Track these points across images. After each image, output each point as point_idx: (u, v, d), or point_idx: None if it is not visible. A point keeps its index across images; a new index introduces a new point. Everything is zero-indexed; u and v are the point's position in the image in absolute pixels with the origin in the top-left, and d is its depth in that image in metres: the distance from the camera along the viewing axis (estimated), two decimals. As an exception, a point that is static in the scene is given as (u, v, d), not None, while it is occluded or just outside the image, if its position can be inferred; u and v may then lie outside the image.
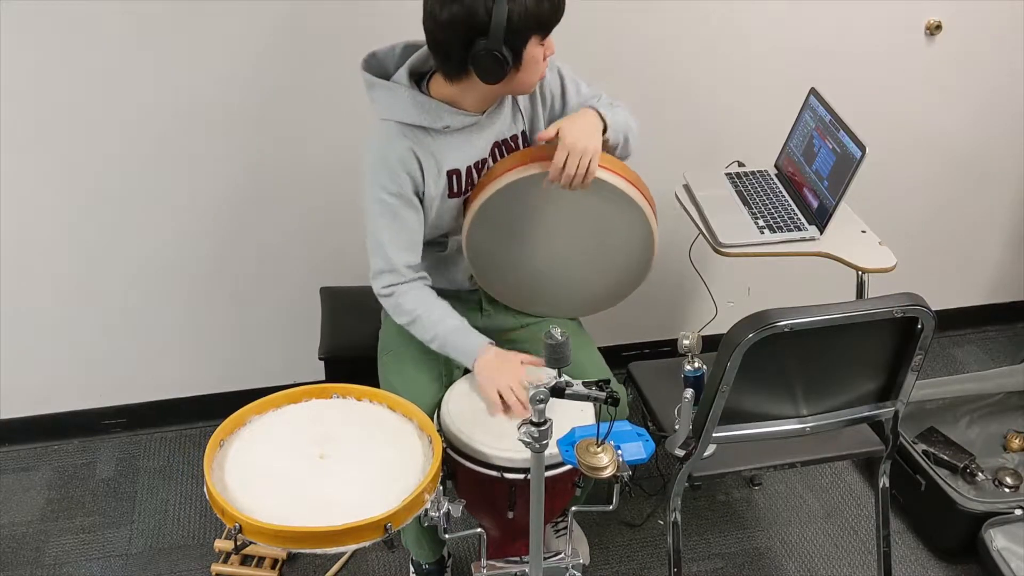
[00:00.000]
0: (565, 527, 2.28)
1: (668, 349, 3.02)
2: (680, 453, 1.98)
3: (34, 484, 2.67)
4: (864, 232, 2.30)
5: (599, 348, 2.15)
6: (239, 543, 1.56)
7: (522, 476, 1.85)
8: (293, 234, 2.63)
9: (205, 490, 1.60)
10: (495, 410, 1.91)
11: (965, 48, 2.77)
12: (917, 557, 2.48)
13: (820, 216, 2.26)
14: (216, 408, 2.28)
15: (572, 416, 1.83)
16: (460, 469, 1.91)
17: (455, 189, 1.95)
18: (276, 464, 1.66)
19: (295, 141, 2.50)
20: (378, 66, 1.93)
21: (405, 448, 1.71)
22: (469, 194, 1.98)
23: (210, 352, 2.77)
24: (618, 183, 1.90)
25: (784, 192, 2.40)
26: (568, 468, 1.86)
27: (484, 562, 2.08)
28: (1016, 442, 2.67)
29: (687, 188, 2.44)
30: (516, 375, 1.91)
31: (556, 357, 1.57)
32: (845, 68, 2.70)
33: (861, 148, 2.13)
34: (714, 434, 1.90)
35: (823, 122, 2.30)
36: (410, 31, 1.87)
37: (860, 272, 2.26)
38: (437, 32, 1.76)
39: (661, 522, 2.55)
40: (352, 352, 2.27)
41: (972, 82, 2.84)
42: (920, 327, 1.83)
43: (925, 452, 2.58)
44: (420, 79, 1.92)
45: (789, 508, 2.62)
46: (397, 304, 1.96)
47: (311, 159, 2.53)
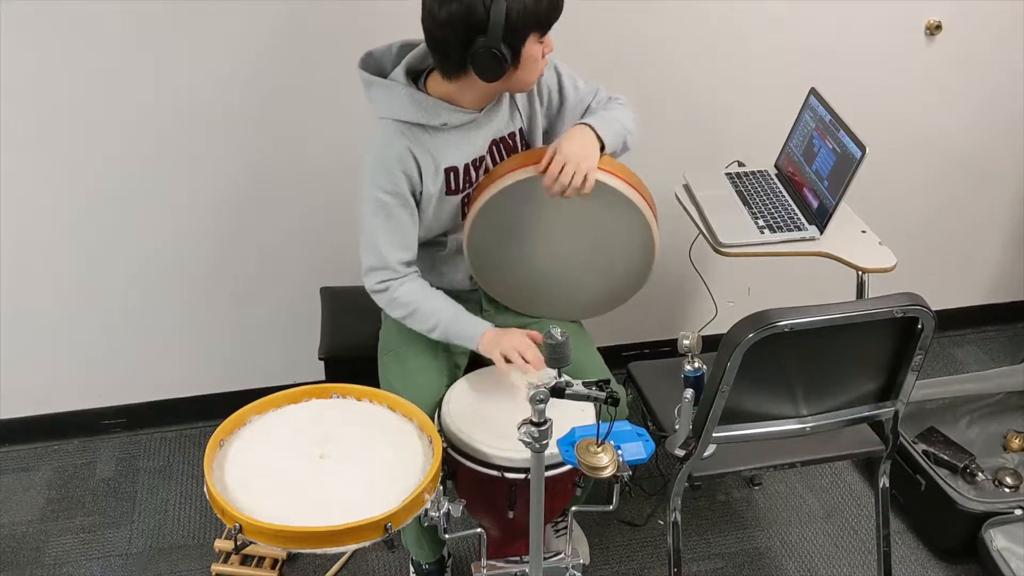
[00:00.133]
0: (565, 527, 2.28)
1: (668, 349, 3.02)
2: (680, 453, 1.98)
3: (34, 484, 2.67)
4: (864, 232, 2.30)
5: (599, 348, 2.15)
6: (239, 543, 1.56)
7: (522, 476, 1.85)
8: (293, 234, 2.63)
9: (205, 490, 1.60)
10: (504, 373, 1.92)
11: (965, 48, 2.77)
12: (917, 557, 2.47)
13: (820, 216, 2.26)
14: (216, 408, 2.28)
15: (572, 416, 1.84)
16: (460, 469, 1.91)
17: (453, 187, 1.96)
18: (276, 464, 1.66)
19: (295, 141, 2.50)
20: (375, 65, 1.93)
21: (405, 448, 1.71)
22: (468, 192, 1.98)
23: (210, 352, 2.77)
24: (620, 187, 1.90)
25: (784, 192, 2.40)
26: (568, 468, 1.86)
27: (484, 562, 2.08)
28: (1016, 442, 2.67)
29: (687, 188, 2.45)
30: (520, 337, 1.92)
31: (556, 357, 1.57)
32: (845, 68, 2.70)
33: (861, 148, 2.13)
34: (714, 434, 1.90)
35: (823, 122, 2.30)
36: (410, 31, 1.87)
37: (860, 272, 2.26)
38: (436, 30, 1.76)
39: (661, 522, 2.54)
40: (352, 352, 2.27)
41: (972, 82, 2.84)
42: (920, 327, 1.83)
43: (925, 452, 2.58)
44: (417, 77, 1.92)
45: (789, 508, 2.62)
46: (392, 299, 1.96)
47: (311, 159, 2.53)
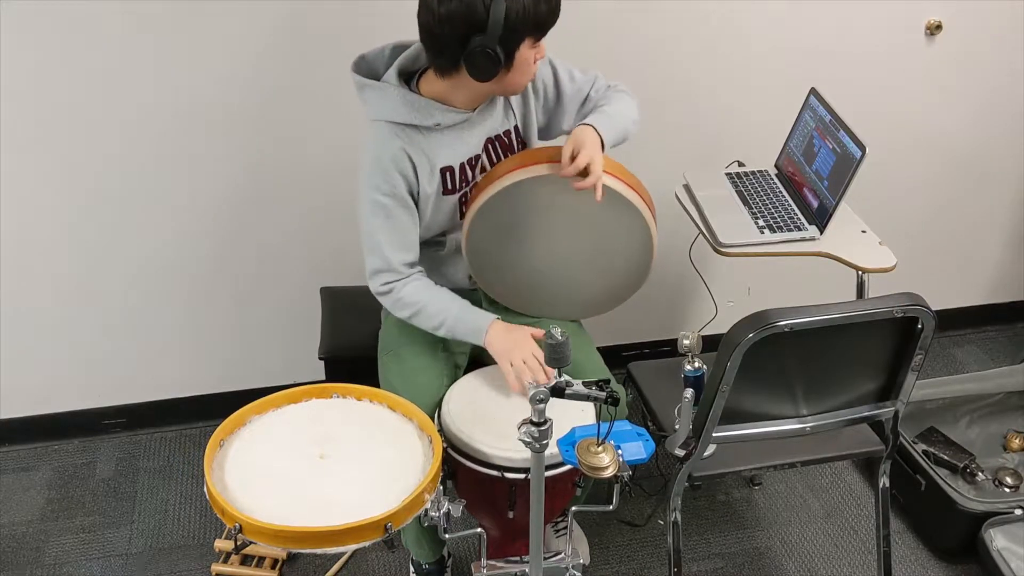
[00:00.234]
0: (565, 527, 2.28)
1: (668, 349, 3.02)
2: (680, 453, 1.98)
3: (34, 484, 2.67)
4: (864, 232, 2.30)
5: (599, 348, 2.15)
6: (239, 543, 1.56)
7: (522, 476, 1.85)
8: (293, 234, 2.63)
9: (205, 490, 1.60)
10: (512, 384, 1.93)
11: (965, 48, 2.77)
12: (917, 557, 2.47)
13: (820, 216, 2.26)
14: (216, 408, 2.28)
15: (572, 416, 1.84)
16: (460, 469, 1.91)
17: (449, 186, 1.96)
18: (276, 464, 1.66)
19: (295, 141, 2.50)
20: (368, 68, 1.94)
21: (405, 448, 1.71)
22: (465, 191, 1.99)
23: (210, 352, 2.77)
24: (619, 187, 1.90)
25: (784, 192, 2.40)
26: (568, 468, 1.86)
27: (484, 562, 2.08)
28: (1016, 442, 2.67)
29: (687, 188, 2.45)
30: (528, 346, 1.93)
31: (556, 357, 1.57)
32: (845, 68, 2.70)
33: (861, 148, 2.13)
34: (714, 434, 1.90)
35: (823, 122, 2.30)
36: (410, 31, 1.86)
37: (860, 272, 2.26)
38: (434, 26, 1.76)
39: (661, 522, 2.54)
40: (352, 352, 2.27)
41: (972, 82, 2.84)
42: (920, 327, 1.83)
43: (925, 452, 2.58)
44: (409, 79, 1.93)
45: (789, 508, 2.62)
46: (398, 299, 1.97)
47: (311, 159, 2.53)
